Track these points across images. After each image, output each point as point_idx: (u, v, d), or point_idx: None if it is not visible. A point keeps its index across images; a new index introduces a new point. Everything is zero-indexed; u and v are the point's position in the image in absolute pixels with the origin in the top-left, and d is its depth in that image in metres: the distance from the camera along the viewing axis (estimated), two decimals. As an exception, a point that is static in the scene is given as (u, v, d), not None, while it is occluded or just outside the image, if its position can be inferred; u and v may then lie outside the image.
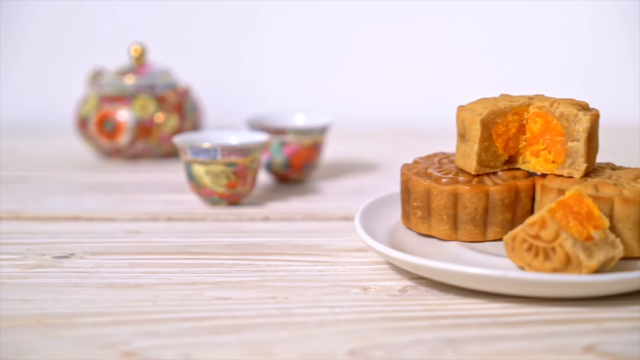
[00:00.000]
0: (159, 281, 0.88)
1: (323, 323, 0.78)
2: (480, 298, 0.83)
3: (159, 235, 1.03)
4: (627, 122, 1.74)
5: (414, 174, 0.94)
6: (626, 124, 1.73)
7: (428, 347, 0.73)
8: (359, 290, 0.86)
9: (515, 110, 0.92)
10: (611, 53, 1.78)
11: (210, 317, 0.80)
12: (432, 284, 0.86)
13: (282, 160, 1.23)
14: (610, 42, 1.78)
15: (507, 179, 0.92)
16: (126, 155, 1.40)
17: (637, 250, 0.87)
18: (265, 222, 1.09)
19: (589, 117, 0.88)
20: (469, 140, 0.91)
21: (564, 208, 0.82)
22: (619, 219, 0.86)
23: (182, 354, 0.72)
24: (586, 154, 0.89)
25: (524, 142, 0.93)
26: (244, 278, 0.89)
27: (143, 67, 1.43)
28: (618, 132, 1.66)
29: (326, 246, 0.98)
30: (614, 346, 0.73)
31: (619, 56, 1.78)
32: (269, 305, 0.82)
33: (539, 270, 0.81)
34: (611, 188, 0.87)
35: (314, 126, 1.23)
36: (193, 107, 1.43)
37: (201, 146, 1.10)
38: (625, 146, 1.54)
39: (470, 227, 0.91)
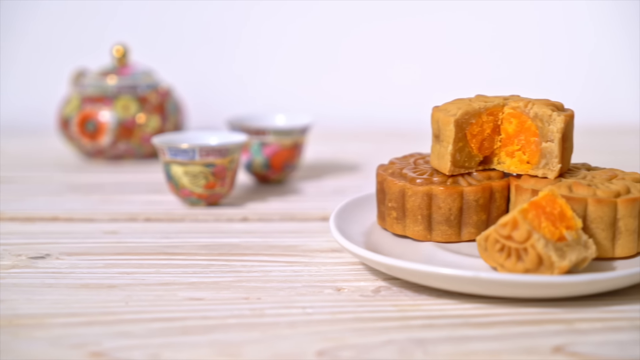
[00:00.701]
0: (133, 282, 0.88)
1: (294, 323, 0.78)
2: (453, 299, 0.83)
3: (136, 236, 1.03)
4: (627, 123, 1.73)
5: (389, 175, 0.94)
6: (626, 124, 1.73)
7: (397, 347, 0.73)
8: (332, 291, 0.85)
9: (490, 111, 0.92)
10: (611, 53, 1.78)
11: (181, 318, 0.79)
12: (406, 284, 0.86)
13: (262, 161, 1.23)
14: (610, 42, 1.77)
15: (481, 179, 0.92)
16: (108, 156, 1.40)
17: (610, 251, 0.87)
18: (243, 222, 1.09)
19: (563, 118, 0.88)
20: (443, 141, 0.91)
21: (537, 209, 0.82)
22: (593, 220, 0.86)
23: (151, 354, 0.72)
24: (560, 154, 0.89)
25: (499, 143, 0.93)
26: (218, 279, 0.89)
27: (125, 67, 1.43)
28: (618, 132, 1.66)
29: (302, 247, 0.98)
30: (583, 347, 0.73)
31: (619, 56, 1.78)
32: (241, 306, 0.82)
33: (512, 271, 0.81)
34: (585, 189, 0.87)
35: (294, 127, 1.23)
36: (175, 108, 1.43)
37: (179, 147, 1.10)
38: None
39: (444, 228, 0.91)
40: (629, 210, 0.86)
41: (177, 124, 1.43)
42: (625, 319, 0.78)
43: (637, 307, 0.81)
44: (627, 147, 1.55)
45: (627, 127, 1.71)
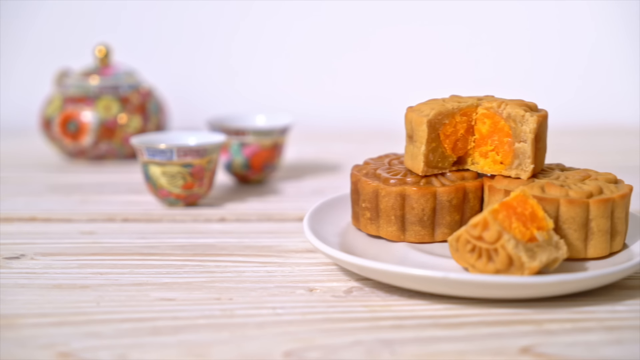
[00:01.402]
0: (106, 282, 0.88)
1: (263, 324, 0.78)
2: (424, 299, 0.83)
3: (112, 236, 1.03)
4: (627, 124, 1.74)
5: (363, 175, 0.94)
6: (626, 125, 1.73)
7: (365, 348, 0.73)
8: (304, 292, 0.85)
9: (464, 111, 0.92)
10: (611, 53, 1.78)
11: (151, 318, 0.79)
12: (378, 285, 0.86)
13: (242, 161, 1.23)
14: (608, 42, 1.77)
15: (455, 180, 0.92)
16: (90, 156, 1.40)
17: (583, 252, 0.87)
18: (220, 223, 1.09)
19: (536, 118, 0.88)
20: (416, 142, 0.91)
21: (507, 209, 0.82)
22: (565, 220, 0.86)
23: (118, 355, 0.72)
24: (533, 155, 0.89)
25: (473, 143, 0.93)
26: (191, 279, 0.89)
27: (107, 68, 1.43)
28: (617, 133, 1.66)
29: (277, 247, 0.98)
30: (551, 348, 0.73)
31: (618, 56, 1.78)
32: (212, 306, 0.82)
33: (483, 272, 0.81)
34: (557, 189, 0.87)
35: (274, 127, 1.23)
36: (157, 108, 1.43)
37: (157, 147, 1.10)
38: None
39: (418, 228, 0.91)
40: (601, 211, 0.86)
41: (158, 124, 1.43)
42: (595, 320, 0.78)
43: (607, 307, 0.81)
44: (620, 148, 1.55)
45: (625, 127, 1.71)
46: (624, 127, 1.72)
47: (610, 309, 0.80)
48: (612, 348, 0.73)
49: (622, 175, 1.19)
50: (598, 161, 1.38)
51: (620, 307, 0.81)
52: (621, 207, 0.88)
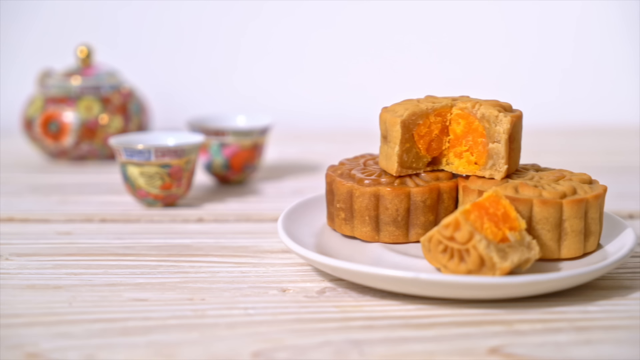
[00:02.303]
0: (79, 282, 0.88)
1: (234, 325, 0.78)
2: (397, 300, 0.83)
3: (89, 237, 1.03)
4: (627, 124, 1.74)
5: (338, 176, 0.94)
6: (625, 125, 1.73)
7: (334, 348, 0.73)
8: (277, 292, 0.85)
9: (438, 112, 0.92)
10: (594, 54, 1.78)
11: (122, 319, 0.79)
12: (352, 285, 0.86)
13: (221, 162, 1.22)
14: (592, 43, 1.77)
15: (429, 180, 0.92)
16: (72, 157, 1.40)
17: (556, 252, 0.87)
18: (198, 223, 1.09)
19: (509, 119, 0.88)
20: (390, 142, 0.91)
21: (479, 209, 0.82)
22: (538, 221, 0.86)
23: (86, 355, 0.72)
24: (507, 155, 0.89)
25: (448, 144, 0.93)
26: (164, 279, 0.89)
27: (89, 68, 1.43)
28: (617, 133, 1.66)
29: (253, 247, 0.98)
30: (520, 348, 0.73)
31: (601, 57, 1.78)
32: (184, 307, 0.82)
33: (455, 272, 0.81)
34: (531, 189, 0.86)
35: (253, 127, 1.23)
36: (138, 108, 1.43)
37: (135, 147, 1.10)
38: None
39: (392, 229, 0.91)
40: (575, 211, 0.86)
41: (140, 124, 1.42)
42: (566, 320, 0.78)
43: (579, 308, 0.81)
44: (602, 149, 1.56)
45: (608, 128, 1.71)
46: (606, 128, 1.72)
47: (582, 309, 0.80)
48: (581, 348, 0.73)
49: (602, 175, 1.19)
50: (579, 161, 1.39)
51: (592, 308, 0.81)
52: (595, 207, 0.88)
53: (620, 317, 0.79)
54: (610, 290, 0.85)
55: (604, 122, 1.74)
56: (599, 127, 1.72)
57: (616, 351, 0.73)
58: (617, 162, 1.44)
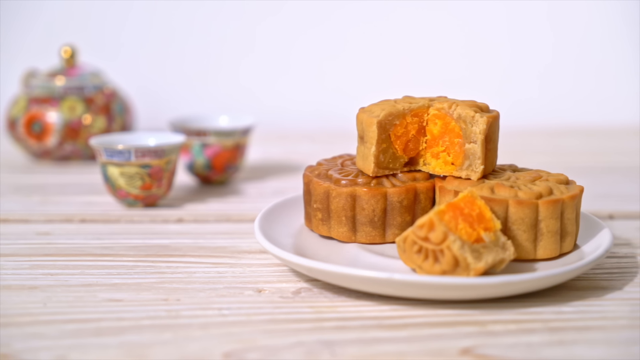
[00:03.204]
0: (55, 283, 0.88)
1: (207, 325, 0.78)
2: (371, 300, 0.83)
3: (68, 237, 1.03)
4: (612, 125, 1.74)
5: (315, 176, 0.94)
6: (610, 126, 1.73)
7: (305, 349, 0.73)
8: (252, 292, 0.85)
9: (415, 112, 0.92)
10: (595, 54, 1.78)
11: (96, 319, 0.79)
12: (327, 286, 0.86)
13: (203, 162, 1.22)
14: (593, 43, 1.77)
15: (406, 180, 0.92)
16: (55, 157, 1.39)
17: (532, 252, 0.87)
18: (178, 223, 1.09)
19: (486, 119, 0.88)
20: (367, 142, 0.91)
21: (454, 210, 0.81)
22: (514, 221, 0.86)
23: (57, 356, 0.72)
24: (483, 155, 0.89)
25: (425, 144, 0.93)
26: (141, 280, 0.89)
27: (73, 68, 1.42)
28: (602, 134, 1.67)
29: (231, 248, 0.98)
30: (492, 349, 0.73)
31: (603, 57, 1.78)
32: (158, 307, 0.82)
33: (429, 273, 0.81)
34: (507, 190, 0.86)
35: (235, 128, 1.23)
36: (122, 109, 1.43)
37: (115, 148, 1.10)
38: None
39: (368, 229, 0.91)
40: (550, 212, 0.86)
41: (124, 124, 1.42)
42: (540, 321, 0.78)
43: (554, 308, 0.81)
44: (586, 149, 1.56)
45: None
46: (591, 128, 1.72)
47: (556, 309, 0.80)
48: (553, 349, 0.73)
49: (585, 176, 1.20)
50: (563, 162, 1.39)
51: (567, 308, 0.81)
52: (571, 208, 0.88)
53: (595, 317, 0.79)
54: (586, 290, 0.85)
55: (589, 123, 1.74)
56: (584, 127, 1.72)
57: (589, 352, 0.73)
58: (601, 162, 1.44)
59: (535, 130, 1.68)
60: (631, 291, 0.85)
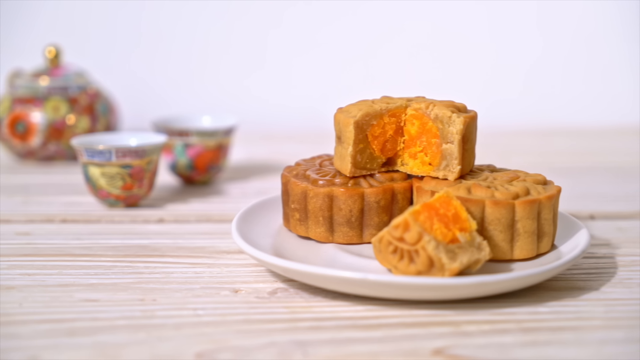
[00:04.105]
0: (32, 283, 0.88)
1: (181, 325, 0.78)
2: (347, 301, 0.83)
3: (48, 238, 1.03)
4: (597, 125, 1.74)
5: (293, 176, 0.94)
6: (595, 126, 1.73)
7: (278, 349, 0.73)
8: (229, 293, 0.85)
9: (392, 112, 0.92)
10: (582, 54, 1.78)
11: (71, 319, 0.79)
12: (304, 286, 0.86)
13: (186, 162, 1.22)
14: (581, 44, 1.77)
15: (384, 181, 0.92)
16: (39, 157, 1.39)
17: (509, 253, 0.87)
18: (158, 224, 1.09)
19: (462, 119, 0.88)
20: (344, 142, 0.91)
21: (429, 210, 0.81)
22: (490, 222, 0.86)
23: (30, 356, 0.72)
24: (460, 156, 0.89)
25: (402, 144, 0.93)
26: (118, 280, 0.89)
27: (57, 68, 1.42)
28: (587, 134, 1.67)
29: (210, 248, 0.98)
30: (464, 349, 0.73)
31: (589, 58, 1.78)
32: (133, 307, 0.82)
33: (405, 273, 0.81)
34: (484, 190, 0.86)
35: (218, 128, 1.23)
36: (106, 109, 1.43)
37: (96, 148, 1.10)
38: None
39: (346, 229, 0.91)
40: (527, 212, 0.86)
41: (108, 125, 1.42)
42: (514, 321, 0.78)
43: (528, 309, 0.81)
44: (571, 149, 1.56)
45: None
46: (576, 128, 1.72)
47: (531, 310, 0.80)
48: (525, 350, 0.73)
49: (568, 176, 1.20)
50: (547, 162, 1.39)
51: (542, 309, 0.81)
52: (548, 208, 0.88)
53: (569, 318, 0.79)
54: (563, 291, 0.85)
55: (576, 123, 1.74)
56: (571, 127, 1.72)
57: (560, 352, 0.73)
58: (586, 162, 1.44)
59: (522, 131, 1.68)
60: (607, 291, 0.85)
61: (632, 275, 0.89)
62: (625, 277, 0.89)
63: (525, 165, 1.18)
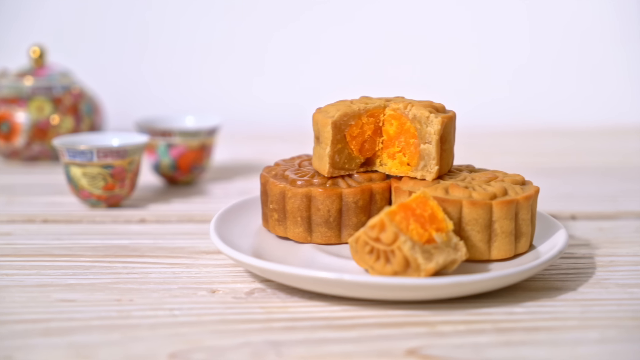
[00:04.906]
0: (10, 283, 0.88)
1: (156, 326, 0.78)
2: (324, 301, 0.83)
3: (28, 238, 1.03)
4: (583, 125, 1.74)
5: (272, 177, 0.94)
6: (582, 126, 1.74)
7: (252, 349, 0.73)
8: (206, 293, 0.85)
9: (371, 113, 0.92)
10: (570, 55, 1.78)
11: (47, 319, 0.79)
12: (281, 287, 0.86)
13: (169, 162, 1.22)
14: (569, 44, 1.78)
15: (362, 181, 0.92)
16: (24, 157, 1.39)
17: (486, 253, 0.87)
18: (140, 224, 1.09)
19: (440, 120, 0.88)
20: (322, 143, 0.91)
21: (405, 211, 0.81)
22: (468, 222, 0.86)
23: (3, 356, 0.72)
24: (438, 156, 0.89)
25: (381, 145, 0.93)
26: (96, 280, 0.89)
27: (42, 68, 1.42)
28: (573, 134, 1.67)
29: (189, 248, 0.98)
30: (438, 349, 0.73)
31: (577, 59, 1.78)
32: (110, 308, 0.82)
33: (381, 273, 0.81)
34: (461, 191, 0.86)
35: (200, 128, 1.23)
36: (90, 109, 1.43)
37: (77, 148, 1.09)
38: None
39: (324, 230, 0.91)
40: (504, 213, 0.86)
41: (92, 125, 1.42)
42: (490, 322, 0.78)
43: (505, 309, 0.81)
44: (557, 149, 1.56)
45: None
46: (563, 129, 1.72)
47: (507, 310, 0.80)
48: (499, 350, 0.73)
49: (552, 176, 1.20)
50: (533, 162, 1.39)
51: (518, 309, 0.81)
52: (525, 208, 0.88)
53: (544, 318, 0.79)
54: (540, 291, 0.85)
55: (562, 123, 1.74)
56: (557, 128, 1.72)
57: (534, 352, 0.73)
58: (571, 162, 1.45)
59: (509, 131, 1.68)
60: (585, 292, 0.85)
61: (610, 276, 0.89)
62: (603, 277, 0.89)
63: (512, 166, 1.18)
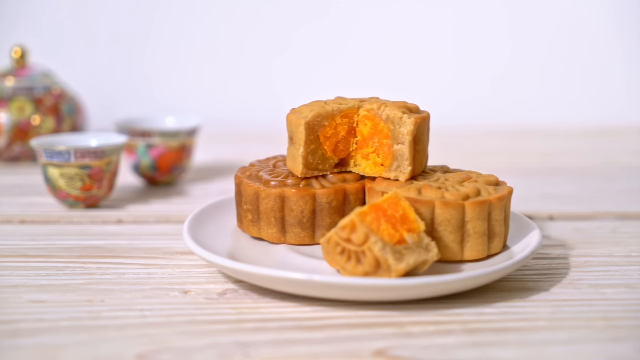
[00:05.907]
0: (-18, 284, 0.87)
1: (125, 326, 0.78)
2: (295, 302, 0.82)
3: (4, 239, 1.03)
4: (566, 126, 1.74)
5: (246, 177, 0.94)
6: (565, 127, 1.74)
7: (219, 350, 0.73)
8: (178, 294, 0.85)
9: (344, 113, 0.91)
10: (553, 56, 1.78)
11: (15, 320, 0.79)
12: (254, 287, 0.86)
13: (148, 163, 1.22)
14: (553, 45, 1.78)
15: (336, 182, 0.92)
16: (5, 158, 1.39)
17: (459, 254, 0.87)
18: (117, 225, 1.09)
19: (413, 120, 0.88)
20: (295, 143, 0.91)
21: (377, 211, 0.81)
22: (440, 222, 0.86)
23: (-30, 358, 0.71)
24: (411, 156, 0.89)
25: (355, 145, 0.93)
26: (68, 281, 0.88)
27: (23, 69, 1.42)
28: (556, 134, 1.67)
29: (164, 249, 0.98)
30: (405, 350, 0.73)
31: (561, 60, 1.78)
32: (80, 309, 0.82)
33: (353, 274, 0.81)
34: (434, 191, 0.86)
35: (180, 128, 1.23)
36: (72, 109, 1.42)
37: (55, 149, 1.09)
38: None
39: (297, 230, 0.91)
40: (477, 213, 0.86)
41: (74, 125, 1.42)
42: (459, 322, 0.78)
43: (475, 310, 0.81)
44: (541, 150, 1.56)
45: (549, 129, 1.72)
46: (545, 129, 1.72)
47: (478, 311, 0.80)
48: (467, 351, 0.73)
49: (532, 176, 1.20)
50: (514, 162, 1.39)
51: (489, 310, 0.81)
52: (499, 209, 0.88)
53: (514, 319, 0.79)
54: (513, 292, 0.85)
55: (544, 124, 1.74)
56: (539, 128, 1.72)
57: (501, 353, 0.73)
58: (549, 163, 1.45)
59: (490, 131, 1.68)
60: (557, 292, 0.85)
61: (583, 276, 0.89)
62: (576, 277, 0.89)
63: (491, 166, 1.18)
